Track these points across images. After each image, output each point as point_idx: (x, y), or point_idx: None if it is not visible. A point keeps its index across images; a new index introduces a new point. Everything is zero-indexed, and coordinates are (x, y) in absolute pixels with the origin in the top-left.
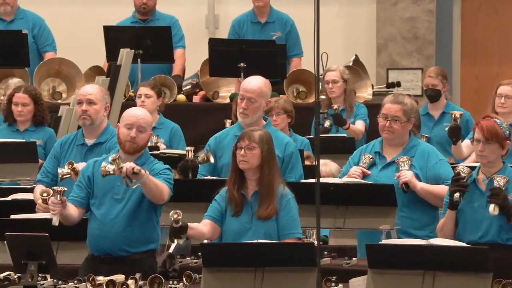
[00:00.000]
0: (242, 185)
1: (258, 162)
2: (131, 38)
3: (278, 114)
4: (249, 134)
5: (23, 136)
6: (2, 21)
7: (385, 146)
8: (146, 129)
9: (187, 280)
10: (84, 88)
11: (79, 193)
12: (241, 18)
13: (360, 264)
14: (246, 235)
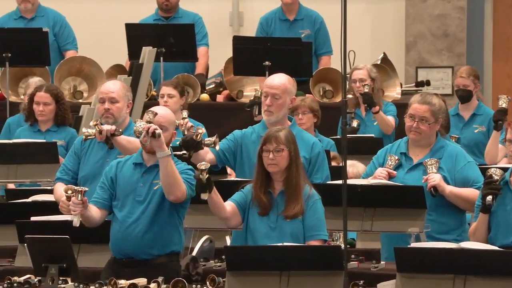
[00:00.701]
0: (268, 186)
1: (287, 163)
2: (154, 36)
3: (304, 113)
4: (276, 136)
5: (45, 137)
6: (22, 18)
7: (411, 147)
8: (168, 128)
9: (211, 284)
10: (105, 85)
11: (102, 194)
12: (269, 15)
13: (389, 268)
14: (272, 235)
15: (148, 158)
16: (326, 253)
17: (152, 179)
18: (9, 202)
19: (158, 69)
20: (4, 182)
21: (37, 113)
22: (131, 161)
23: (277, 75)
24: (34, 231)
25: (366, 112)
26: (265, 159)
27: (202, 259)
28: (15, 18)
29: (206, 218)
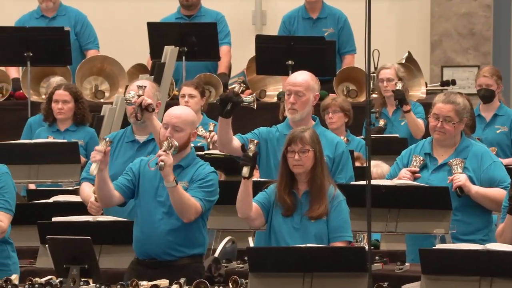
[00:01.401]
0: (293, 187)
1: (312, 163)
2: (176, 35)
3: (334, 112)
4: (301, 137)
5: (63, 136)
6: (44, 17)
7: (436, 147)
8: (183, 129)
9: (233, 285)
10: (134, 86)
11: (123, 181)
12: (292, 13)
13: (413, 270)
14: (296, 236)
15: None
16: (350, 255)
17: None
18: (30, 203)
19: (180, 68)
20: (25, 182)
21: (56, 112)
22: (154, 161)
23: (299, 72)
24: (55, 232)
25: (393, 112)
26: (290, 160)
27: (225, 260)
28: (37, 17)
29: (228, 219)
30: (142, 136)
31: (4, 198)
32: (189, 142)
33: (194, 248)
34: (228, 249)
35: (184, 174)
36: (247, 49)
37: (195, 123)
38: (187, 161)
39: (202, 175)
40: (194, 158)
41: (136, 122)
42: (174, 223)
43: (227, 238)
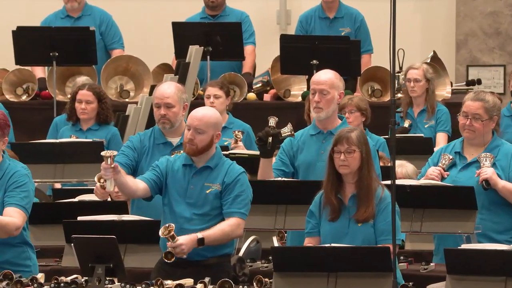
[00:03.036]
0: (339, 189)
1: (359, 164)
2: (200, 35)
3: (351, 112)
4: (347, 137)
5: (86, 135)
6: (69, 18)
7: (466, 146)
8: (205, 131)
9: (258, 285)
10: (160, 90)
11: (150, 174)
12: (308, 13)
13: (438, 270)
14: (344, 240)
15: (197, 160)
16: (374, 254)
17: (204, 181)
18: (55, 202)
19: (204, 68)
20: (51, 181)
21: (79, 111)
22: (180, 161)
23: (324, 71)
24: (81, 231)
25: (418, 113)
26: (336, 160)
27: (249, 260)
28: (62, 17)
29: (253, 219)
30: (175, 138)
31: (20, 196)
32: (212, 144)
33: (222, 249)
34: (253, 249)
35: (215, 176)
36: (271, 48)
37: (218, 124)
38: (214, 162)
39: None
40: (221, 158)
41: (165, 128)
42: (204, 224)
43: (251, 237)
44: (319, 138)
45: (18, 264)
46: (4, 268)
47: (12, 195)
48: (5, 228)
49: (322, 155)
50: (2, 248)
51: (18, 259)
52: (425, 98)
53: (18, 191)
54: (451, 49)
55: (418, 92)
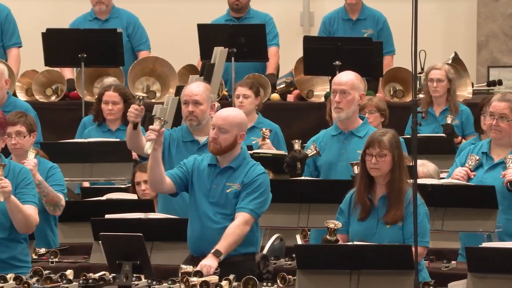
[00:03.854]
0: (370, 189)
1: (390, 167)
2: (225, 36)
3: (371, 112)
4: (379, 140)
5: (115, 136)
6: (97, 20)
7: (493, 147)
8: (228, 130)
9: (281, 282)
10: (189, 88)
11: (176, 171)
12: (331, 15)
13: (460, 268)
14: (372, 240)
15: (222, 160)
16: (396, 253)
17: (225, 181)
18: (84, 200)
19: (229, 69)
20: (79, 180)
21: (106, 112)
22: (207, 161)
23: (345, 72)
24: (108, 229)
25: (440, 112)
26: (368, 163)
27: (273, 257)
28: (90, 20)
29: (276, 217)
30: (202, 137)
31: (33, 193)
32: (236, 143)
33: (247, 247)
34: (276, 246)
35: (236, 176)
36: (295, 50)
37: (243, 125)
38: (237, 162)
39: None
40: (245, 158)
41: (192, 125)
42: (227, 223)
43: (275, 235)
44: (340, 139)
45: (21, 260)
46: (10, 263)
47: (25, 192)
48: (28, 220)
49: (343, 155)
50: (9, 243)
51: (21, 255)
52: (446, 98)
53: (30, 188)
54: (472, 50)
55: (440, 92)
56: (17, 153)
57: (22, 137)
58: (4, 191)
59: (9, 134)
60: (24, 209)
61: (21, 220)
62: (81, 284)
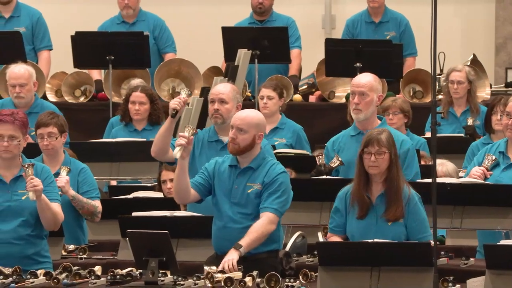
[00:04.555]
0: (367, 187)
1: (387, 165)
2: (249, 39)
3: (395, 114)
4: (377, 139)
5: (141, 136)
6: (124, 23)
7: (510, 146)
8: (247, 131)
9: (304, 279)
10: (216, 87)
11: (198, 179)
12: (355, 17)
13: (478, 265)
14: (371, 238)
15: (242, 160)
16: (416, 250)
17: (246, 181)
18: (111, 198)
19: (252, 70)
20: (107, 179)
21: (133, 112)
22: (227, 162)
23: (364, 74)
24: (135, 226)
25: (461, 113)
26: (366, 161)
27: (295, 254)
28: (118, 23)
29: (299, 215)
30: (225, 137)
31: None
32: (255, 144)
33: (270, 245)
34: (299, 244)
35: (256, 176)
36: (316, 52)
37: (261, 125)
38: (257, 162)
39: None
40: (264, 158)
41: (217, 123)
42: (248, 222)
43: (297, 233)
44: (359, 139)
45: (43, 256)
46: (35, 259)
47: (49, 190)
48: (56, 218)
49: None
50: (34, 240)
51: (43, 251)
52: (466, 99)
53: (53, 186)
54: (491, 52)
55: (461, 94)
56: (48, 153)
57: (54, 138)
58: (36, 189)
59: (41, 135)
60: (53, 207)
61: (50, 218)
62: (109, 280)
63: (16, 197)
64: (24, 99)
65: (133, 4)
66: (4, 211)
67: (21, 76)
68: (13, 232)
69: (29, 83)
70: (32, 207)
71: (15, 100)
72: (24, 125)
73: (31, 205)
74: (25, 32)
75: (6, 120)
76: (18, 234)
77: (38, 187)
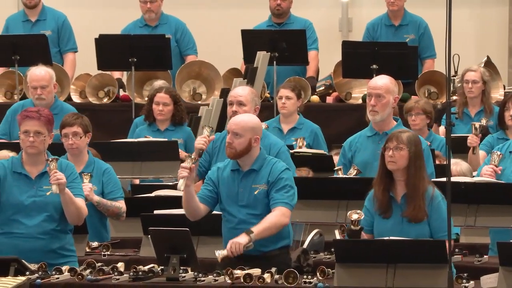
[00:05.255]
0: (391, 187)
1: (406, 163)
2: (267, 41)
3: (417, 115)
4: (397, 136)
5: (164, 136)
6: (147, 26)
7: None
8: (242, 135)
9: (321, 275)
10: (235, 89)
11: (205, 191)
12: (375, 21)
13: (492, 262)
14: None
15: (243, 163)
16: (431, 247)
17: (251, 183)
18: (134, 197)
19: (271, 72)
20: (130, 178)
21: (156, 113)
22: (229, 167)
23: (380, 76)
24: (157, 224)
25: (476, 113)
26: (386, 156)
27: (313, 252)
28: (140, 26)
29: (316, 213)
30: None
31: (80, 187)
32: (251, 147)
33: (280, 242)
34: (316, 241)
35: (260, 177)
36: (333, 54)
37: (256, 129)
38: (258, 164)
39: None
40: (265, 159)
41: None
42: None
43: (315, 230)
44: (375, 139)
45: (69, 250)
46: (60, 253)
47: (73, 186)
48: (80, 212)
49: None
50: (59, 234)
51: (68, 245)
52: (481, 99)
53: (77, 182)
54: (504, 54)
55: (475, 93)
56: (73, 152)
57: (78, 138)
58: (60, 183)
59: (66, 135)
60: (77, 201)
61: (74, 212)
62: (131, 276)
63: (41, 193)
64: (45, 100)
65: (155, 8)
66: (29, 206)
67: (42, 78)
68: (38, 227)
69: (50, 85)
70: (57, 203)
71: (36, 102)
72: (49, 122)
73: (56, 200)
74: (51, 35)
75: (32, 116)
76: (43, 228)
77: (61, 180)
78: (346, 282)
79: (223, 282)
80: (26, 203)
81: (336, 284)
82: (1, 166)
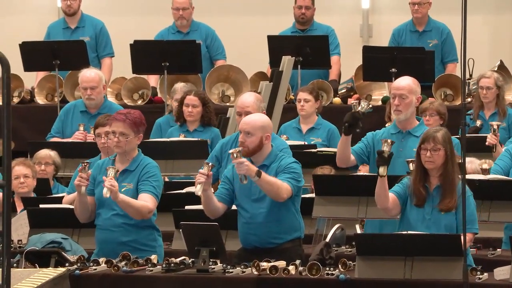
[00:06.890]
0: (426, 179)
1: (443, 161)
2: (292, 46)
3: (431, 115)
4: (434, 136)
5: (192, 136)
6: (179, 33)
7: None
8: (253, 133)
9: (342, 267)
10: (241, 99)
11: (222, 190)
12: (401, 27)
13: (505, 255)
14: (427, 226)
15: (255, 160)
16: (446, 241)
17: None
18: (167, 193)
19: (295, 75)
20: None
21: (186, 114)
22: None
23: (403, 77)
24: (188, 219)
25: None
26: (423, 156)
27: (335, 245)
28: (173, 32)
29: (338, 209)
30: None
31: (152, 184)
32: (263, 144)
33: (292, 234)
34: (338, 235)
35: (270, 170)
36: (355, 58)
37: (266, 127)
38: (270, 159)
39: (284, 166)
40: (276, 155)
41: None
42: (270, 216)
43: (337, 225)
44: (399, 137)
45: (145, 244)
46: (133, 246)
47: (145, 183)
48: (139, 211)
49: (400, 152)
50: (129, 228)
51: (145, 239)
52: (495, 103)
53: (151, 180)
54: None
55: (490, 98)
56: (105, 151)
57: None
58: (112, 190)
59: (98, 134)
60: (134, 203)
61: (133, 213)
62: (164, 268)
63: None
64: (94, 100)
65: (187, 15)
66: (106, 200)
67: (92, 79)
68: (109, 220)
69: (99, 86)
70: None
71: (86, 102)
72: (135, 124)
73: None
74: (89, 41)
75: (118, 118)
76: (113, 222)
77: (113, 188)
78: (366, 274)
79: (250, 273)
80: (103, 198)
81: (357, 275)
82: (97, 166)
